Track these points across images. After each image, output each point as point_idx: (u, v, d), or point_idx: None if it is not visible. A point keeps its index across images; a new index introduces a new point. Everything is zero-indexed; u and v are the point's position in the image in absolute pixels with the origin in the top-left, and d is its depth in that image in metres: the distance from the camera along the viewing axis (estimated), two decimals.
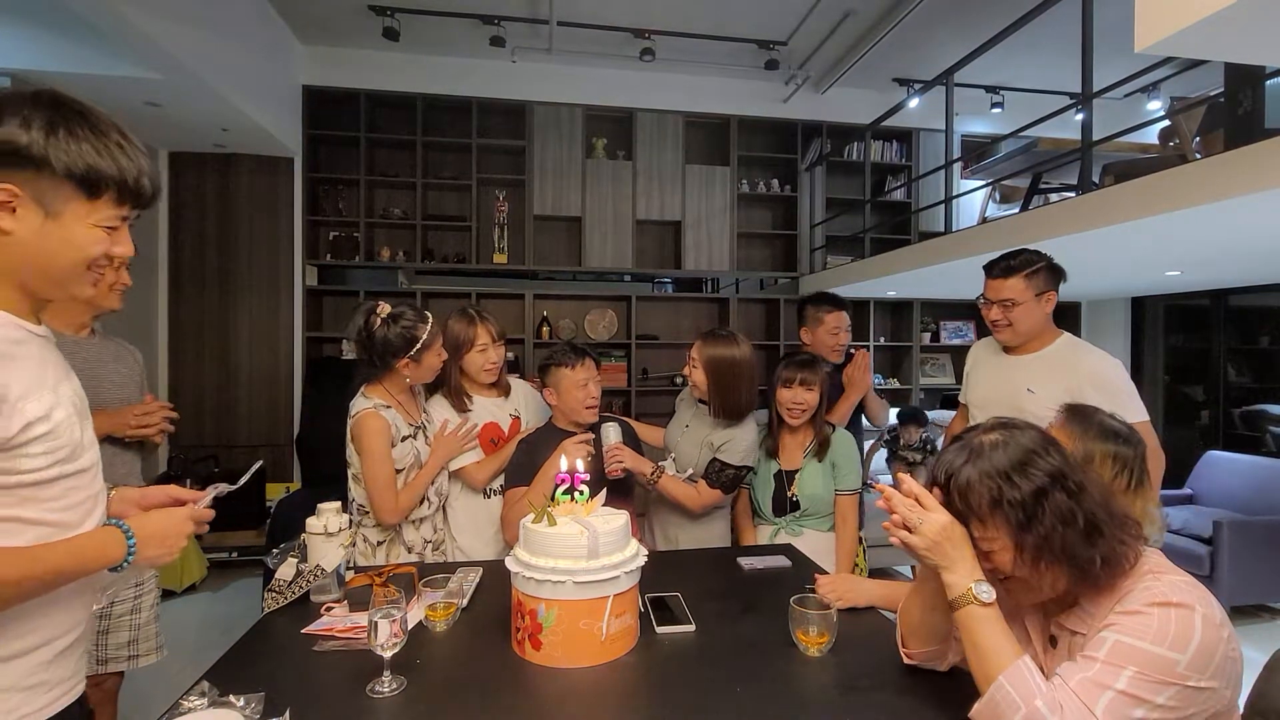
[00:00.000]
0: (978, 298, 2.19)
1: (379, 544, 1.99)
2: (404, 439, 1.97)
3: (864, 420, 2.96)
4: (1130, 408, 1.85)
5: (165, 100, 3.78)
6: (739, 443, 2.10)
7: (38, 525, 0.94)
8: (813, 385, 2.17)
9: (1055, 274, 2.06)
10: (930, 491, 1.08)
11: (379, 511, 1.93)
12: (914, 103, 4.63)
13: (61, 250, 0.92)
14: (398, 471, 1.96)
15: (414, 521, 2.04)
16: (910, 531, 1.07)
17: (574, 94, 5.18)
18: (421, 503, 2.04)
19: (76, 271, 0.95)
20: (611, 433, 2.05)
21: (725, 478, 2.09)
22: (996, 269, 2.09)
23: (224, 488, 1.25)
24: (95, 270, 0.97)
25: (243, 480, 1.32)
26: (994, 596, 1.01)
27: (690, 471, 2.15)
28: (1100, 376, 1.95)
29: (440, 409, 2.17)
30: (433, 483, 2.06)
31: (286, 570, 1.58)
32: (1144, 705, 0.89)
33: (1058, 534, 0.96)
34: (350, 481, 2.02)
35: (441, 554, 2.11)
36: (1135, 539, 1.00)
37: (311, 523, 1.60)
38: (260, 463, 1.58)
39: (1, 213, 0.88)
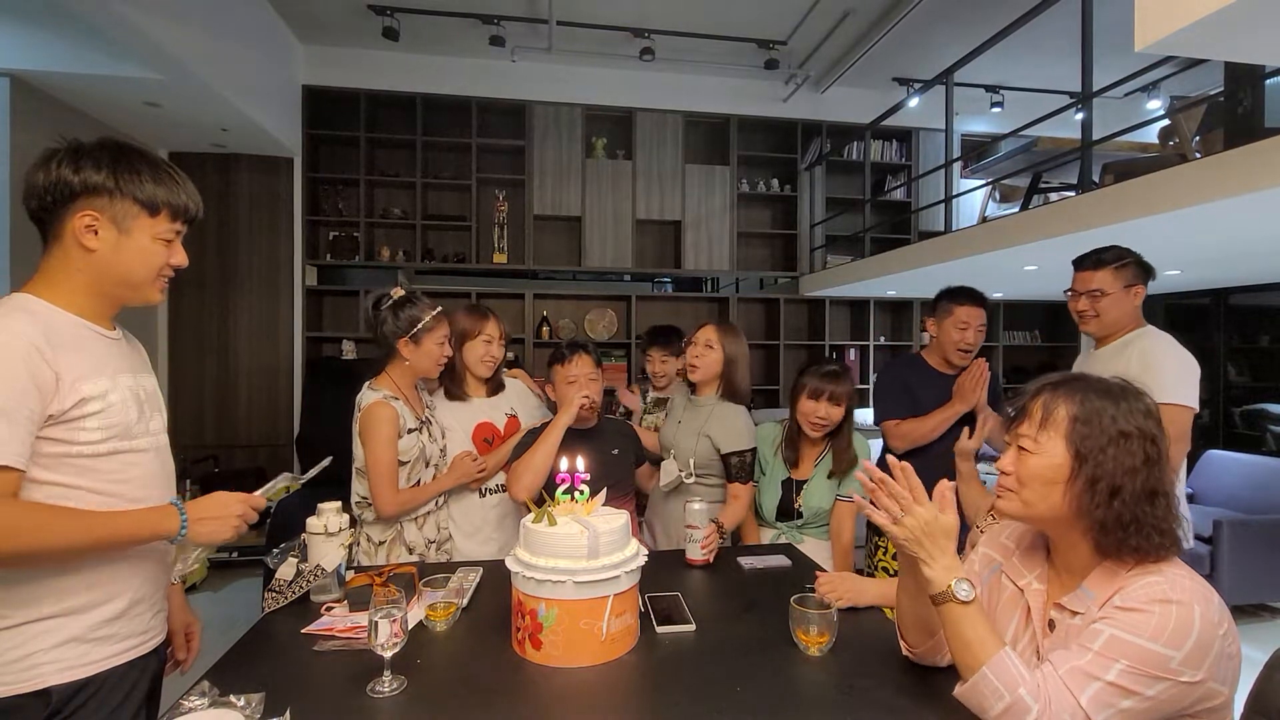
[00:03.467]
0: (1065, 291, 2.18)
1: (380, 544, 2.00)
2: (410, 431, 1.98)
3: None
4: (1164, 387, 1.79)
5: (165, 100, 3.76)
6: (740, 429, 2.15)
7: (99, 494, 1.12)
8: (841, 401, 2.10)
9: (1144, 270, 2.06)
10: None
11: (378, 501, 1.93)
12: (914, 102, 4.63)
13: (136, 260, 1.17)
14: (403, 464, 1.97)
15: (416, 519, 2.04)
16: (894, 521, 1.08)
17: (574, 94, 5.18)
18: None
19: (149, 277, 1.19)
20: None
21: (745, 466, 2.14)
22: (1087, 262, 2.10)
23: (289, 477, 1.37)
24: (163, 277, 1.22)
25: (310, 474, 1.45)
26: (973, 595, 1.02)
27: (691, 462, 2.17)
28: (1147, 353, 1.95)
29: (440, 406, 2.19)
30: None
31: (286, 570, 1.58)
32: (1133, 697, 0.90)
33: (1122, 470, 0.99)
34: (354, 476, 2.02)
35: (445, 553, 2.11)
36: (1175, 537, 1.02)
37: (312, 522, 1.60)
38: (330, 458, 1.61)
39: (87, 234, 1.12)
